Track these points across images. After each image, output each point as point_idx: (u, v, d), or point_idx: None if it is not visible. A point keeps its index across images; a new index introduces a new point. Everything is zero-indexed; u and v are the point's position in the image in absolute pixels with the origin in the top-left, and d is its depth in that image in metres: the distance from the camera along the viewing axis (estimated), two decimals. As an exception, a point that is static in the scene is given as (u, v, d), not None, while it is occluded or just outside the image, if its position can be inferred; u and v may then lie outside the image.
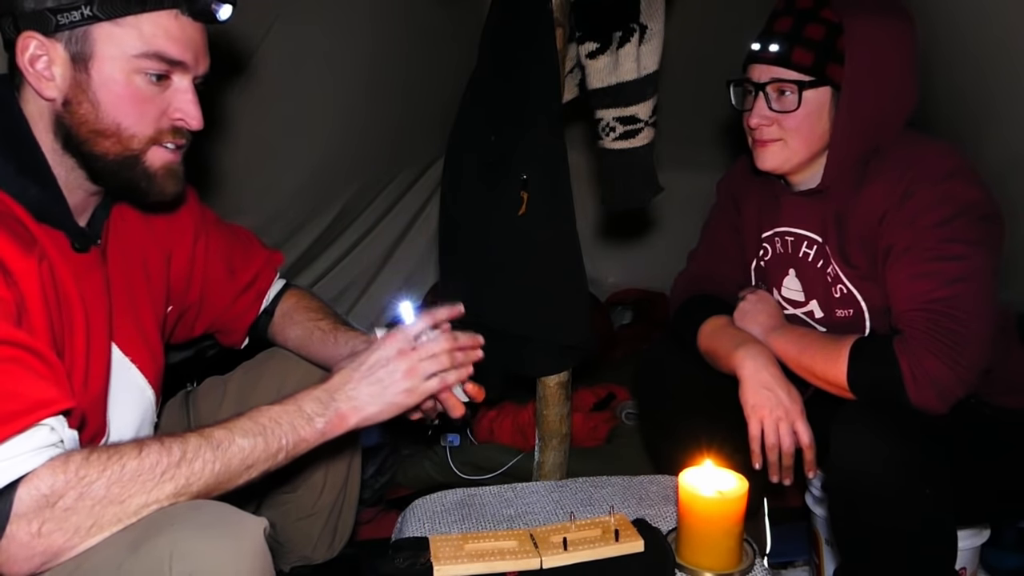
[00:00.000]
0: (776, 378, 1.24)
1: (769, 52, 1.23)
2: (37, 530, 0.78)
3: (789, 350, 1.26)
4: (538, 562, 1.09)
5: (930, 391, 1.09)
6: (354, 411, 1.02)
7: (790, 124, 1.24)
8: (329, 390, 1.02)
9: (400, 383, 1.05)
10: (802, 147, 1.26)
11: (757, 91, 1.25)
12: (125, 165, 0.99)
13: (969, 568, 1.45)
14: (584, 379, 2.19)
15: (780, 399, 1.22)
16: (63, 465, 0.80)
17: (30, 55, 0.93)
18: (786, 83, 1.22)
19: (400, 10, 2.07)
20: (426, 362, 1.07)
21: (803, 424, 1.22)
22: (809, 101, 1.22)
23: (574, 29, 1.51)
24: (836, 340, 1.21)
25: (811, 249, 1.32)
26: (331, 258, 2.55)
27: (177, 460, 0.85)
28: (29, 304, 0.87)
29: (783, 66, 1.22)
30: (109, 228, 1.09)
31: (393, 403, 1.05)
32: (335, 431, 1.01)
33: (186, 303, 1.28)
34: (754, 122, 1.26)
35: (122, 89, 0.95)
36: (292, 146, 2.05)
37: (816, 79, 1.21)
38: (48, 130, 0.97)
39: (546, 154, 1.49)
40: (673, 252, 1.83)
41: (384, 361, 1.05)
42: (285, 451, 0.96)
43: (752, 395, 1.23)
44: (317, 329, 1.31)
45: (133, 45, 0.94)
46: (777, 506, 1.67)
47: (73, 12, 0.92)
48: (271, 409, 0.97)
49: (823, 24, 1.20)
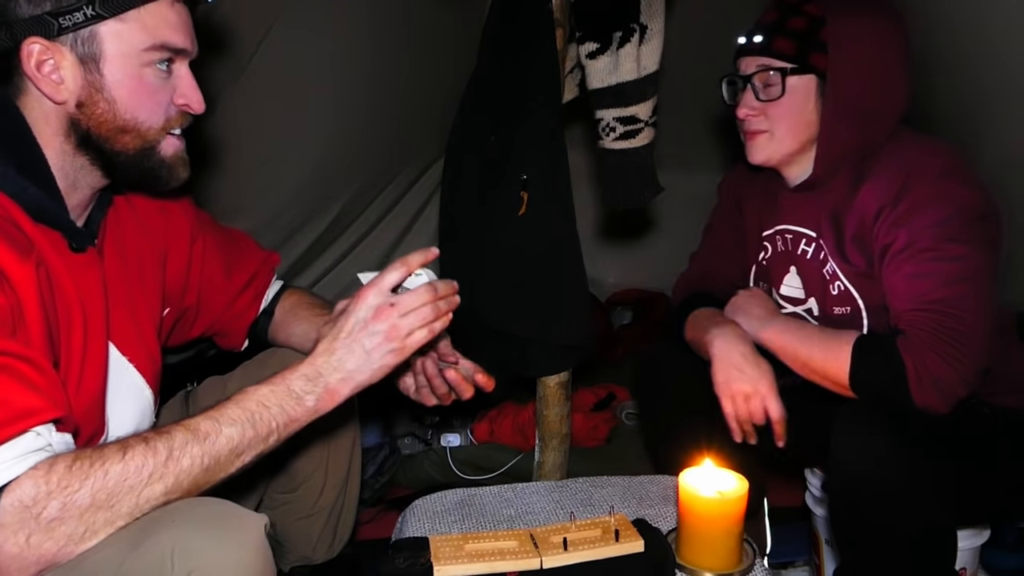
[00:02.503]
0: (745, 356, 1.26)
1: (754, 44, 1.27)
2: (25, 541, 0.77)
3: (785, 341, 1.26)
4: (538, 562, 1.08)
5: (933, 391, 1.09)
6: (344, 382, 0.99)
7: (775, 112, 1.26)
8: (315, 365, 0.99)
9: (384, 345, 1.00)
10: (788, 136, 1.27)
11: (745, 83, 1.29)
12: (144, 156, 1.01)
13: (969, 568, 1.45)
14: (584, 379, 2.19)
15: (749, 376, 1.24)
16: (45, 475, 0.79)
17: (36, 60, 0.93)
18: (770, 72, 1.25)
19: (400, 10, 2.07)
20: (407, 317, 1.01)
21: (773, 400, 1.24)
22: (794, 88, 1.24)
23: (574, 29, 1.51)
24: (836, 335, 1.21)
25: (809, 246, 1.33)
26: (331, 258, 2.55)
27: (164, 459, 0.84)
28: (26, 309, 0.87)
29: (766, 55, 1.26)
30: (105, 229, 1.10)
31: (382, 365, 1.01)
32: (328, 405, 0.99)
33: (183, 306, 1.28)
34: (742, 113, 1.29)
35: (136, 84, 0.97)
36: (292, 146, 2.05)
37: (799, 66, 1.23)
38: (58, 132, 0.97)
39: (546, 154, 1.49)
40: (673, 252, 1.83)
41: (363, 324, 1.00)
42: (276, 433, 0.94)
43: (722, 373, 1.26)
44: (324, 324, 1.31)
45: (140, 39, 0.95)
46: (777, 506, 1.68)
47: (75, 14, 0.92)
48: (258, 391, 0.94)
49: (805, 17, 1.24)
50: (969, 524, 1.41)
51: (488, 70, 1.57)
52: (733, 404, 1.25)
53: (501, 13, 1.55)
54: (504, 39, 1.54)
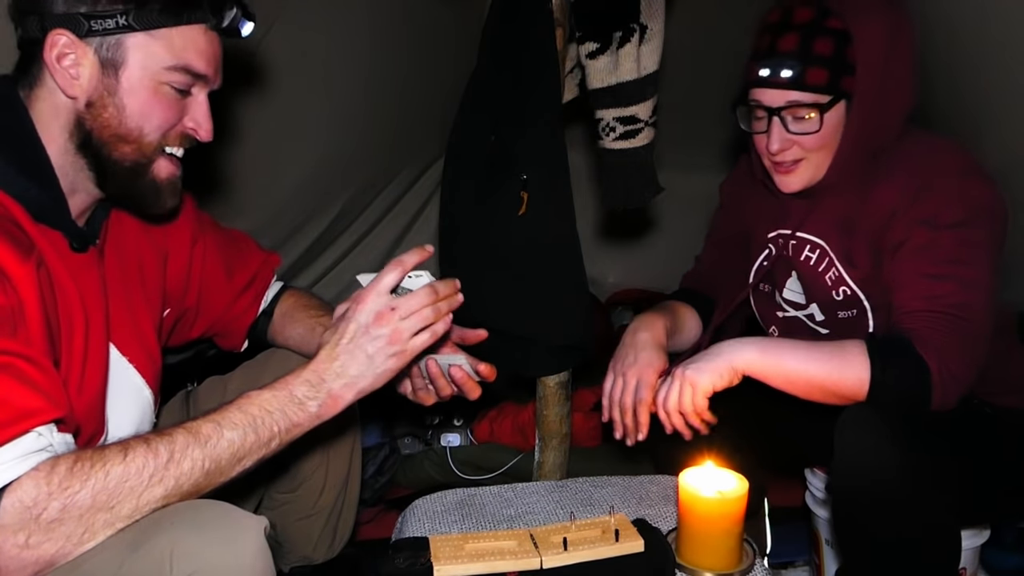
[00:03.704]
0: (641, 341, 1.31)
1: (781, 77, 1.17)
2: (24, 542, 0.77)
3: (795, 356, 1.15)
4: (538, 562, 1.08)
5: (953, 391, 1.09)
6: (347, 388, 0.99)
7: (812, 144, 1.20)
8: (317, 371, 0.98)
9: (386, 349, 0.99)
10: (825, 160, 1.22)
11: (771, 115, 1.20)
12: (136, 173, 1.00)
13: (969, 568, 1.45)
14: (584, 379, 2.18)
15: (633, 359, 1.29)
16: (47, 476, 0.79)
17: (58, 52, 0.94)
18: (804, 107, 1.17)
19: (400, 10, 2.07)
20: (408, 320, 1.00)
21: (645, 389, 1.26)
22: (829, 118, 1.18)
23: (574, 29, 1.51)
24: (841, 345, 1.15)
25: (814, 253, 1.31)
26: (331, 258, 2.55)
27: (165, 462, 0.84)
28: (27, 309, 0.87)
29: (798, 89, 1.17)
30: (107, 229, 1.10)
31: (385, 370, 1.01)
32: (331, 412, 0.99)
33: (184, 306, 1.28)
34: (775, 148, 1.21)
35: (149, 96, 0.97)
36: (292, 146, 2.05)
37: (834, 97, 1.17)
38: (64, 129, 0.97)
39: (546, 154, 1.49)
40: (673, 252, 1.83)
41: (364, 329, 0.99)
42: (278, 438, 0.94)
43: (615, 352, 1.32)
44: (319, 325, 1.31)
45: (164, 57, 0.96)
46: (777, 506, 1.68)
47: (108, 20, 0.93)
48: (261, 395, 0.95)
49: (831, 36, 1.15)
50: (970, 524, 1.41)
51: (488, 70, 1.56)
52: (611, 383, 1.31)
53: (501, 13, 1.55)
54: (504, 39, 1.54)
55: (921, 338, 1.10)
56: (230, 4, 1.00)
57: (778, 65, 1.17)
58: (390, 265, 1.03)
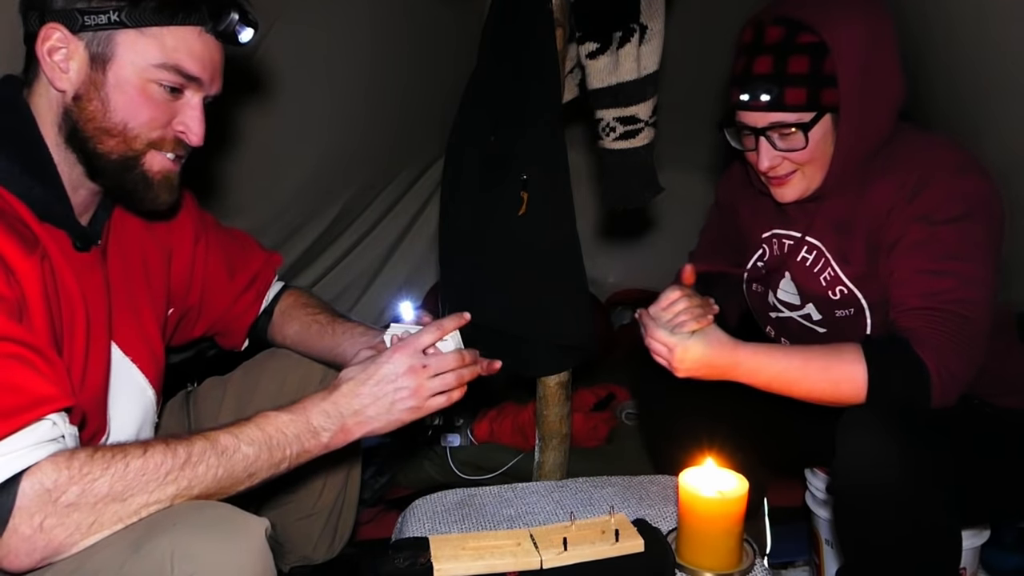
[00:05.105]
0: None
1: (760, 101, 1.16)
2: (39, 524, 0.78)
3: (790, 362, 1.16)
4: (538, 562, 1.09)
5: (952, 390, 1.09)
6: (359, 426, 1.04)
7: (802, 158, 1.20)
8: (337, 403, 1.02)
9: (406, 401, 1.05)
10: (819, 171, 1.22)
11: (757, 135, 1.20)
12: (125, 166, 1.00)
13: (969, 568, 1.45)
14: (584, 379, 2.19)
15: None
16: (67, 461, 0.80)
17: (50, 46, 0.94)
18: (787, 125, 1.17)
19: (400, 10, 2.07)
20: (434, 380, 1.07)
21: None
22: (814, 134, 1.17)
23: (574, 29, 1.51)
24: (837, 349, 1.15)
25: (810, 254, 1.31)
26: (331, 258, 2.55)
27: (181, 463, 0.86)
28: (30, 303, 0.88)
29: (778, 111, 1.16)
30: (110, 229, 1.10)
31: (399, 419, 1.06)
32: (339, 444, 1.03)
33: (187, 305, 1.28)
34: (764, 166, 1.22)
35: (135, 93, 0.97)
36: (292, 146, 2.05)
37: (816, 114, 1.15)
38: (54, 123, 0.98)
39: (546, 154, 1.49)
40: (673, 252, 1.83)
41: (392, 377, 1.05)
42: (288, 461, 0.97)
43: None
44: (315, 322, 1.32)
45: (154, 55, 0.96)
46: (777, 506, 1.68)
47: (101, 16, 0.94)
48: (279, 417, 0.97)
49: (805, 53, 1.13)
50: (971, 524, 1.41)
51: (488, 70, 1.57)
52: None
53: (501, 13, 1.55)
54: (504, 39, 1.54)
55: (919, 337, 1.10)
56: (229, 9, 1.00)
57: (755, 89, 1.17)
58: (430, 327, 1.11)
